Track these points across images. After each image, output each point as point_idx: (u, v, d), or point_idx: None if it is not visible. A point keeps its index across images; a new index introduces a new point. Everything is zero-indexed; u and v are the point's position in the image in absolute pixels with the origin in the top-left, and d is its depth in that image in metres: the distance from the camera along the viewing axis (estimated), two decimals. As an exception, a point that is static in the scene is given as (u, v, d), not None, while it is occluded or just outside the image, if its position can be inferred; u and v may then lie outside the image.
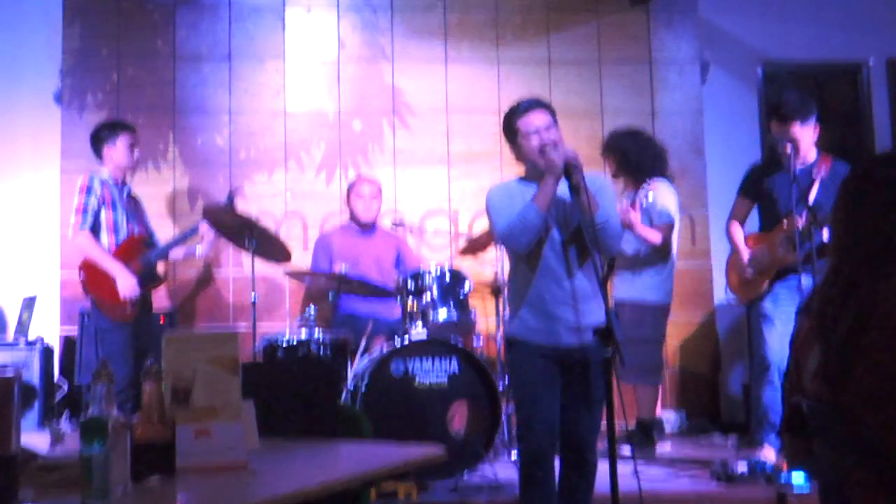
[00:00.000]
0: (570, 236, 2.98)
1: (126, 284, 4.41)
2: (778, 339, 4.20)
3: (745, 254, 4.41)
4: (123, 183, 4.66)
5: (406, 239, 5.44)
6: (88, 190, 4.43)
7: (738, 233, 4.52)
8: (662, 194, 4.61)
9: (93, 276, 4.44)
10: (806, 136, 4.25)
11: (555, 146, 2.95)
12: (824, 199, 4.08)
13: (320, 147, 5.80)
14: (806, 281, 4.05)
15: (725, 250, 4.72)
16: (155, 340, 4.38)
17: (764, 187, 4.39)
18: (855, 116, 6.51)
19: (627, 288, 4.61)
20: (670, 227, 4.61)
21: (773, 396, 4.21)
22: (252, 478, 1.76)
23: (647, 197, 4.53)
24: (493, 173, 5.66)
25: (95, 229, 4.46)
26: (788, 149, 4.12)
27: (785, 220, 4.21)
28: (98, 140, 4.62)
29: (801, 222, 4.09)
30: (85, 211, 4.41)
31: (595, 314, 2.87)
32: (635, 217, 4.51)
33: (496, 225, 3.05)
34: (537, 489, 2.96)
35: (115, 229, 4.51)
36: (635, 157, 4.66)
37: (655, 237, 4.53)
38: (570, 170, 2.85)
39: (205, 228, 4.76)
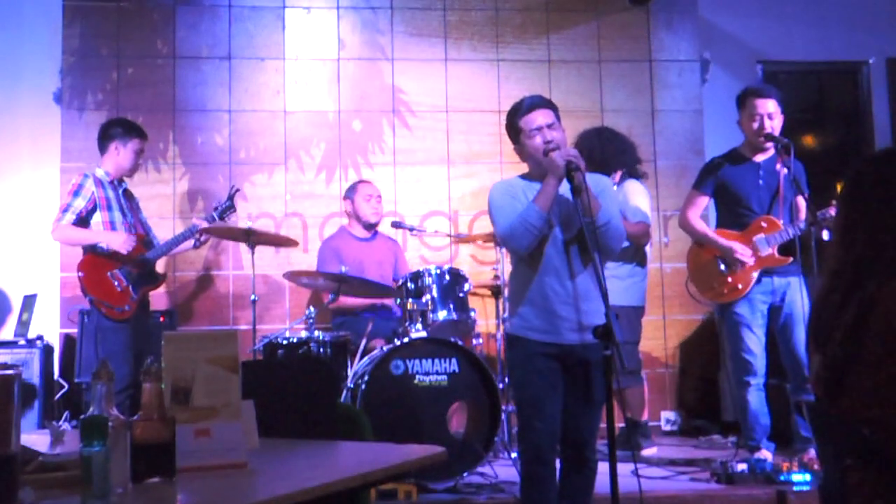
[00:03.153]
0: (572, 236, 2.98)
1: (119, 240, 4.40)
2: (757, 343, 4.20)
3: (723, 241, 4.25)
4: (120, 182, 4.63)
5: (399, 245, 5.42)
6: (77, 191, 4.43)
7: (702, 223, 4.44)
8: (635, 193, 4.64)
9: (91, 276, 4.43)
10: (774, 113, 4.20)
11: (557, 146, 2.95)
12: (788, 193, 4.08)
13: (320, 147, 5.80)
14: (778, 281, 4.11)
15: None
16: (154, 340, 4.39)
17: (720, 182, 4.34)
18: (855, 116, 6.51)
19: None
20: (647, 226, 4.62)
21: (759, 400, 4.21)
22: (252, 478, 1.76)
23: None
24: (493, 173, 5.67)
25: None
26: (758, 120, 4.17)
27: (763, 222, 4.21)
28: (108, 136, 4.58)
29: (780, 221, 4.15)
30: (67, 210, 4.41)
31: (596, 314, 2.86)
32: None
33: (498, 225, 3.05)
34: (538, 488, 2.96)
35: (112, 229, 4.49)
36: (599, 154, 4.62)
37: (636, 230, 4.52)
38: (572, 171, 2.85)
39: (203, 226, 4.75)
